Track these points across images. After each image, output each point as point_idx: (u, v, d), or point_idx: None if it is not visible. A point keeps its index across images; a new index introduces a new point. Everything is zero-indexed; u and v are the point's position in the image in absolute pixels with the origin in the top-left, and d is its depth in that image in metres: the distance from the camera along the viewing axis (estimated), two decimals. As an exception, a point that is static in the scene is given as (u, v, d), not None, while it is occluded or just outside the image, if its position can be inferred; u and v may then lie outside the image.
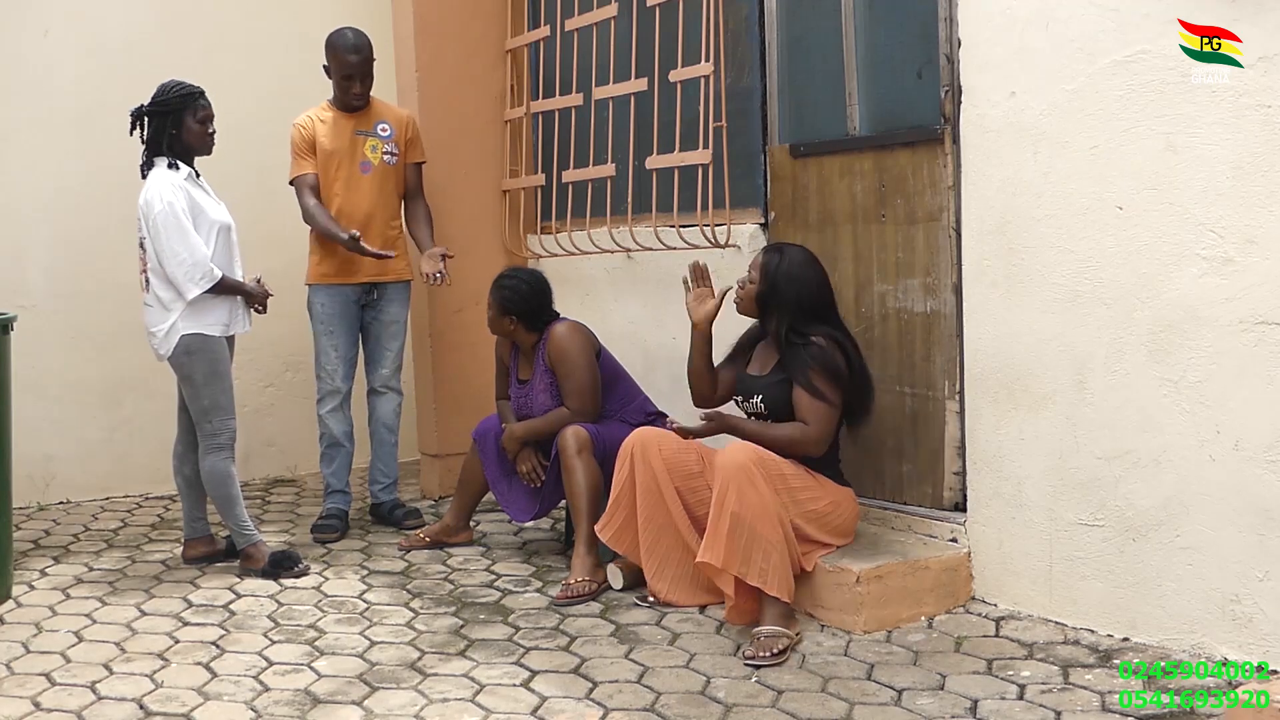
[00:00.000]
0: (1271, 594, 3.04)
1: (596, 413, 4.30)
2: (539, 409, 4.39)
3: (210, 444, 4.29)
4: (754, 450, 3.54)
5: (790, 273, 3.74)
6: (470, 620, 3.79)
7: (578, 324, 4.39)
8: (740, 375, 3.91)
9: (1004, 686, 3.13)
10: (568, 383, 4.29)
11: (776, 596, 3.46)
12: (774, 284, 3.74)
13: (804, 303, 3.72)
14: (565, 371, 4.29)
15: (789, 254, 3.79)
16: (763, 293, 3.77)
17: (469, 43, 5.50)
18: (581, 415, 4.25)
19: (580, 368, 4.28)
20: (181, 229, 4.14)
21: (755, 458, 3.51)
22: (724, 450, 3.57)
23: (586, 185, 5.18)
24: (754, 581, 3.45)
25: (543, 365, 4.37)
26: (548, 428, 4.30)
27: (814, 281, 3.76)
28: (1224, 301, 3.08)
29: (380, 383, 5.00)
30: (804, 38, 4.33)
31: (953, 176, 3.76)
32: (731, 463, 3.50)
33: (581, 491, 4.09)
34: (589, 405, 4.28)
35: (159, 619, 3.87)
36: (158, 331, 4.24)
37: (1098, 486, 3.39)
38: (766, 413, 3.76)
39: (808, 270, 3.76)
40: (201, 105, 4.30)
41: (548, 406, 4.36)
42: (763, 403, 3.76)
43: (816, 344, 3.64)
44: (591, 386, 4.30)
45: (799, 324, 3.70)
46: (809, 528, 3.63)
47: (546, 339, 4.35)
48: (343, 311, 4.89)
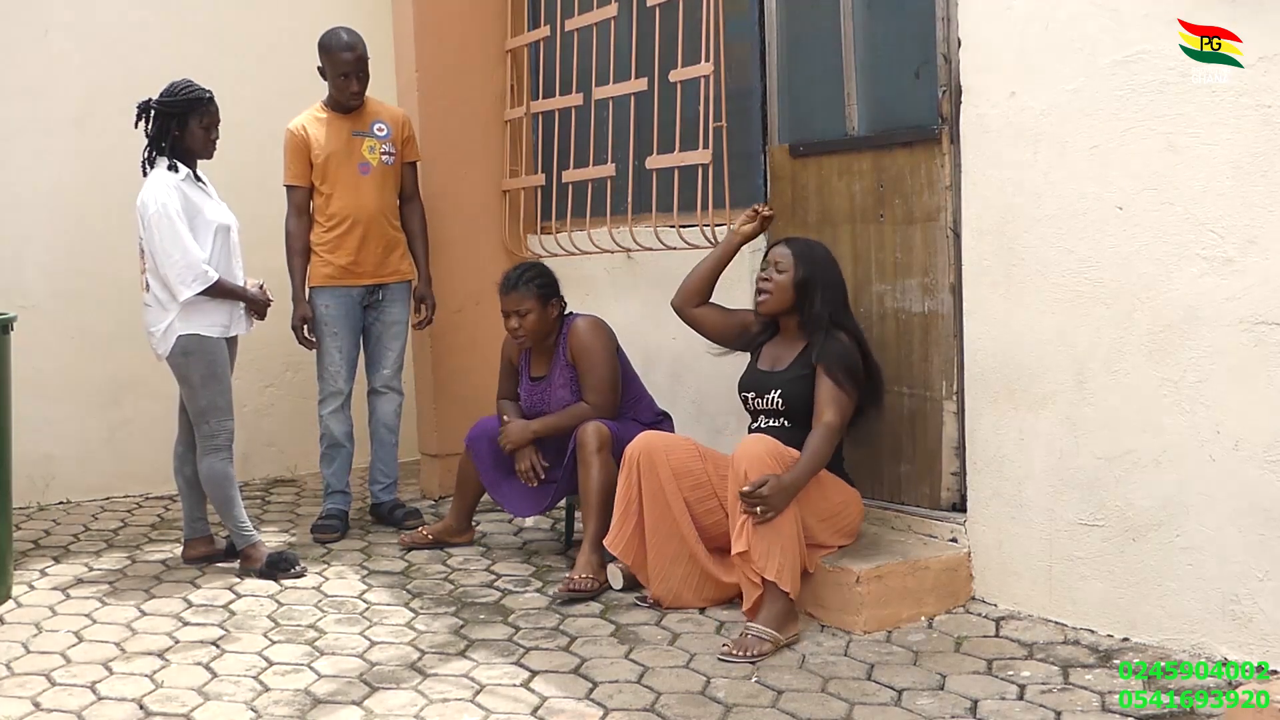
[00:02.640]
0: (1271, 594, 3.04)
1: (616, 409, 4.29)
2: (556, 404, 4.36)
3: (208, 445, 4.29)
4: (772, 444, 3.55)
5: (825, 258, 3.82)
6: (470, 620, 3.79)
7: (599, 319, 4.39)
8: (749, 372, 3.90)
9: (1004, 686, 3.13)
10: (589, 377, 4.28)
11: (786, 591, 3.46)
12: (812, 268, 3.77)
13: (835, 288, 3.79)
14: (588, 366, 4.28)
15: (811, 244, 3.86)
16: (804, 279, 3.76)
17: (469, 43, 5.50)
18: (601, 410, 4.23)
19: (604, 363, 4.27)
20: (175, 230, 4.13)
21: (775, 451, 3.52)
22: (742, 443, 3.58)
23: (586, 185, 5.18)
24: (770, 576, 3.45)
25: (563, 360, 4.35)
26: (566, 423, 4.27)
27: (839, 271, 3.85)
28: (1224, 301, 3.08)
29: (381, 383, 5.00)
30: (803, 38, 4.33)
31: (950, 176, 3.76)
32: (749, 454, 3.50)
33: (595, 489, 4.06)
34: (610, 400, 4.26)
35: (159, 619, 3.87)
36: (155, 331, 4.24)
37: (1098, 486, 3.39)
38: (784, 408, 3.74)
39: (832, 260, 3.85)
40: (209, 110, 4.29)
41: (566, 401, 4.34)
42: (781, 398, 3.74)
43: (842, 341, 3.69)
44: (613, 382, 4.28)
45: (840, 308, 3.76)
46: (818, 528, 3.64)
47: (567, 333, 4.34)
48: (346, 313, 4.89)
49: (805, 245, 3.84)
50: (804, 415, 3.69)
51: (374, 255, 4.88)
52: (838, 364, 3.65)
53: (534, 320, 4.31)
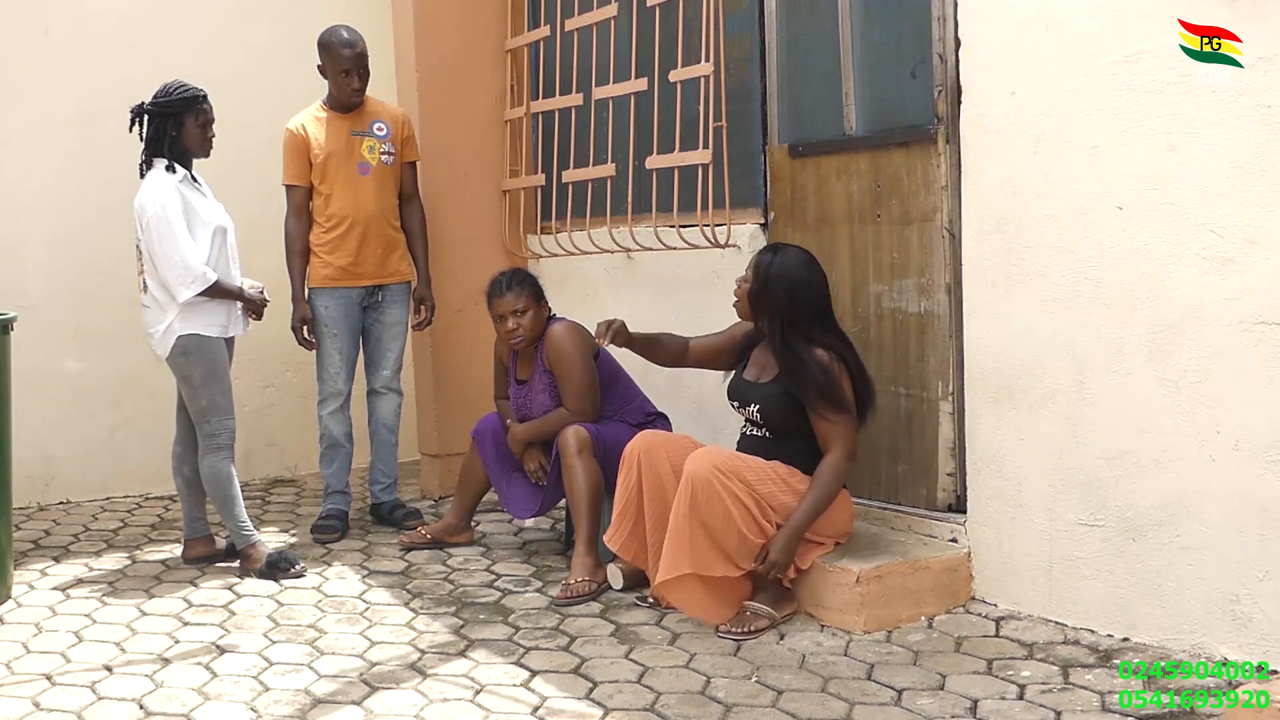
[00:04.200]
0: (1271, 594, 3.04)
1: (595, 413, 4.30)
2: (538, 409, 4.38)
3: (209, 444, 4.29)
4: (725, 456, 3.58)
5: (784, 272, 3.67)
6: (470, 620, 3.79)
7: (575, 324, 4.39)
8: (736, 379, 3.87)
9: (1004, 686, 3.13)
10: (566, 383, 4.29)
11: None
12: (766, 283, 3.68)
13: (798, 304, 3.64)
14: (563, 372, 4.29)
15: (785, 253, 3.73)
16: (754, 291, 3.71)
17: (469, 42, 5.50)
18: (580, 415, 4.25)
19: (578, 368, 4.28)
20: (174, 232, 4.13)
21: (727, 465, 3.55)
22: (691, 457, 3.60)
23: (586, 185, 5.18)
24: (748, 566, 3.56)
25: (541, 365, 4.37)
26: (547, 429, 4.30)
27: (809, 283, 3.68)
28: (1224, 301, 3.08)
29: (381, 384, 5.00)
30: (803, 38, 4.33)
31: (947, 176, 3.76)
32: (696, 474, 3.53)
33: (581, 491, 4.08)
34: (587, 405, 4.27)
35: (159, 619, 3.87)
36: (155, 332, 4.24)
37: (1098, 486, 3.39)
38: (762, 421, 3.72)
39: (803, 271, 3.68)
40: (203, 109, 4.30)
41: (547, 407, 4.36)
42: (759, 412, 3.71)
43: (819, 362, 3.58)
44: (590, 387, 4.29)
45: (793, 328, 3.64)
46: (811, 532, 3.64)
47: (544, 339, 4.35)
48: (346, 314, 4.88)
49: (770, 254, 3.75)
50: (783, 429, 3.68)
51: (374, 256, 4.87)
52: (818, 398, 3.55)
53: (532, 319, 4.31)
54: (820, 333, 3.66)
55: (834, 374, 3.58)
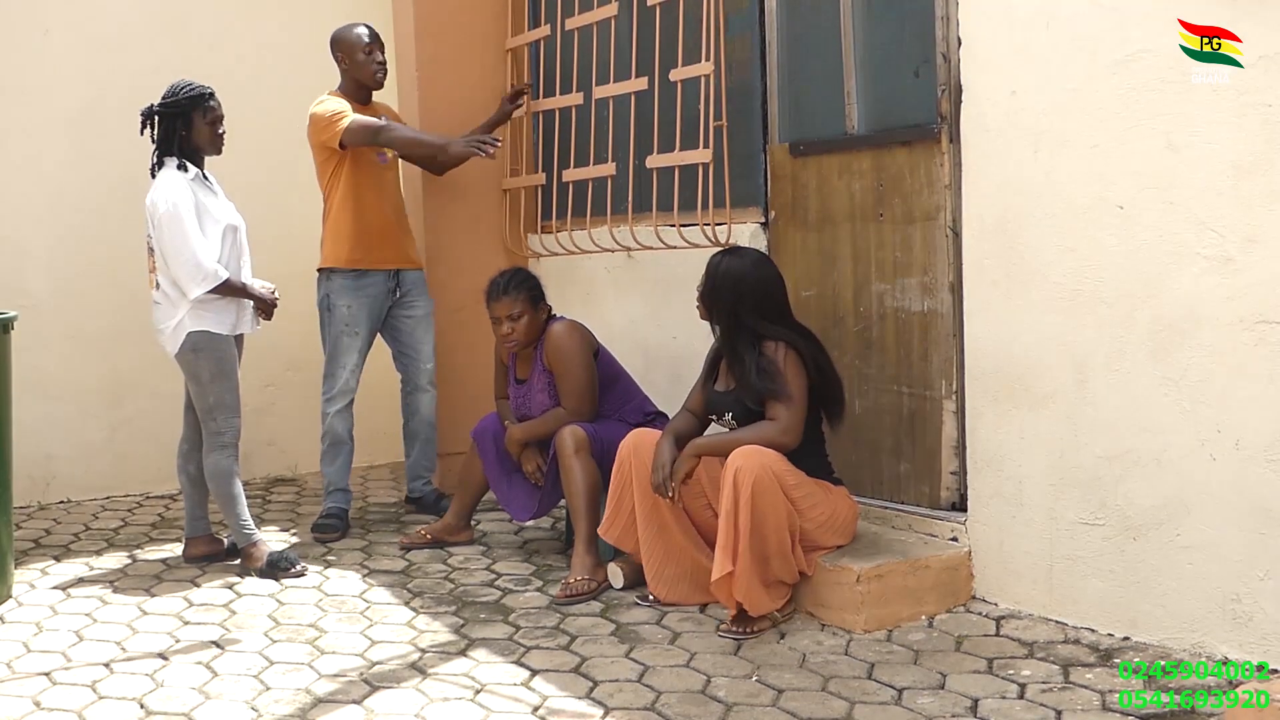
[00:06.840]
0: (1272, 593, 3.04)
1: (593, 413, 4.30)
2: (537, 409, 4.38)
3: (215, 442, 4.29)
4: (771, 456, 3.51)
5: (731, 269, 3.69)
6: (471, 620, 3.79)
7: (575, 323, 4.39)
8: (709, 392, 3.86)
9: (1004, 686, 3.13)
10: (564, 382, 4.29)
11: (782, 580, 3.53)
12: (714, 283, 3.70)
13: (744, 300, 3.64)
14: (562, 371, 4.29)
15: (737, 254, 3.77)
16: (705, 291, 3.75)
17: (469, 42, 5.50)
18: (577, 415, 4.25)
19: (577, 367, 4.28)
20: (185, 229, 4.14)
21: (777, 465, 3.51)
22: (735, 454, 3.53)
23: (587, 184, 5.18)
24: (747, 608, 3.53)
25: (540, 365, 4.36)
26: (545, 428, 4.30)
27: (758, 279, 3.68)
28: (1225, 300, 3.08)
29: (427, 379, 5.06)
30: (804, 36, 4.33)
31: (949, 175, 3.76)
32: (745, 468, 3.46)
33: (580, 491, 4.08)
34: (585, 405, 4.27)
35: (159, 618, 3.87)
36: (165, 329, 4.25)
37: (1098, 486, 3.39)
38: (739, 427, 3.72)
39: (752, 269, 3.70)
40: (211, 106, 4.30)
41: (546, 406, 4.35)
42: (734, 419, 3.74)
43: (764, 352, 3.60)
44: (588, 386, 4.29)
45: (740, 326, 3.63)
46: (817, 533, 3.64)
47: (544, 338, 4.35)
48: (369, 314, 4.91)
49: (723, 255, 3.78)
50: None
51: (395, 241, 4.96)
52: (765, 389, 3.56)
53: (526, 324, 4.30)
54: (770, 327, 3.66)
55: (777, 362, 3.59)
